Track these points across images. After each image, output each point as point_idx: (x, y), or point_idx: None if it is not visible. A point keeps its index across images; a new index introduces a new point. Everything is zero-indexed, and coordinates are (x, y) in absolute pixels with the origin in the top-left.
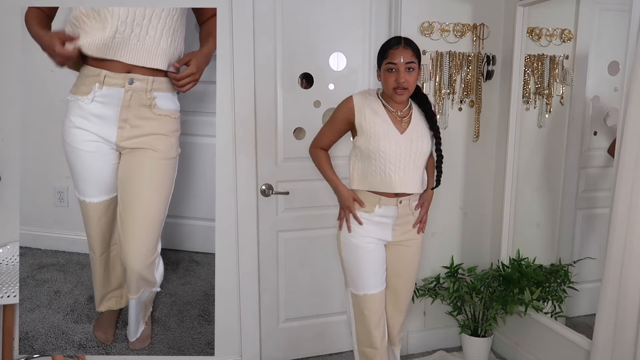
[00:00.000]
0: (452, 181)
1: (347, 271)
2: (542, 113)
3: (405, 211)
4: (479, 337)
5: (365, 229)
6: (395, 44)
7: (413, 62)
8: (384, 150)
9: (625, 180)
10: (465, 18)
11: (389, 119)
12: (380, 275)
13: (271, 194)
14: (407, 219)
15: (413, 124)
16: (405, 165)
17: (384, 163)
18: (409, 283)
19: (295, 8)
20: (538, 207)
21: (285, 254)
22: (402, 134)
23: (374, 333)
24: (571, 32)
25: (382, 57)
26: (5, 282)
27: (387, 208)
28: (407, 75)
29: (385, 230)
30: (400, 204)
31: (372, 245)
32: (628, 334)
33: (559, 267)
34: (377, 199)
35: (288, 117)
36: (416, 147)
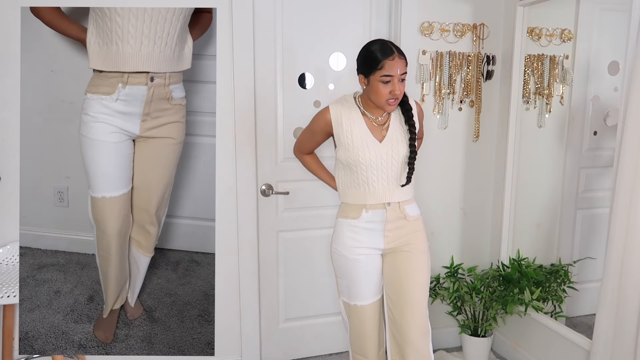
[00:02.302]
0: (452, 181)
1: (338, 281)
2: (542, 113)
3: (396, 215)
4: (479, 337)
5: (354, 239)
6: (389, 54)
7: (406, 72)
8: (363, 162)
9: (625, 180)
10: (465, 18)
11: (367, 128)
12: (372, 287)
13: (271, 194)
14: (398, 224)
15: (392, 130)
16: (388, 174)
17: (365, 174)
18: (417, 294)
19: (295, 8)
20: (538, 207)
21: (285, 254)
22: (382, 142)
23: (366, 342)
24: (571, 32)
25: (374, 67)
26: (5, 282)
27: (375, 212)
28: (401, 86)
29: (376, 237)
30: (388, 206)
31: (363, 257)
32: (628, 334)
33: (559, 267)
34: (363, 205)
35: (288, 117)
36: (397, 153)
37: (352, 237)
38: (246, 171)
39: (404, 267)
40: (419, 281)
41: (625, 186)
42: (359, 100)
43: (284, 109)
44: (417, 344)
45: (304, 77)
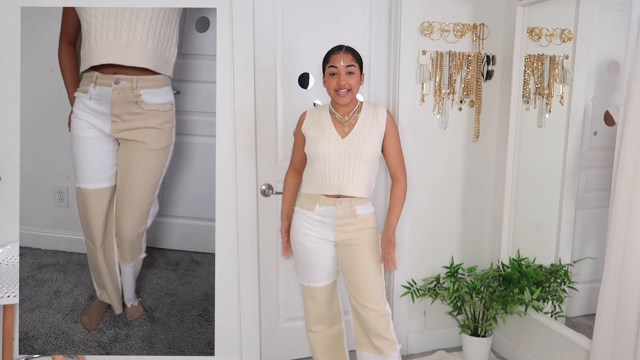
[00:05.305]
0: (452, 181)
1: (296, 264)
2: (542, 113)
3: (345, 213)
4: (479, 337)
5: (308, 228)
6: (336, 50)
7: (353, 65)
8: (322, 154)
9: (625, 180)
10: (465, 18)
11: (332, 124)
12: (324, 271)
13: (271, 194)
14: (347, 221)
15: (357, 128)
16: (345, 168)
17: (323, 166)
18: (368, 281)
19: (295, 8)
20: (538, 207)
21: None
22: (344, 138)
23: (317, 320)
24: (571, 32)
25: (325, 62)
26: (5, 282)
27: (326, 208)
28: (348, 78)
29: (327, 230)
30: (339, 204)
31: (315, 245)
32: (628, 334)
33: (559, 267)
34: (318, 199)
35: (288, 117)
36: (357, 150)
37: (306, 226)
38: (246, 171)
39: (354, 259)
40: (369, 271)
41: (625, 186)
42: (331, 103)
43: (284, 109)
44: (376, 327)
45: (304, 77)
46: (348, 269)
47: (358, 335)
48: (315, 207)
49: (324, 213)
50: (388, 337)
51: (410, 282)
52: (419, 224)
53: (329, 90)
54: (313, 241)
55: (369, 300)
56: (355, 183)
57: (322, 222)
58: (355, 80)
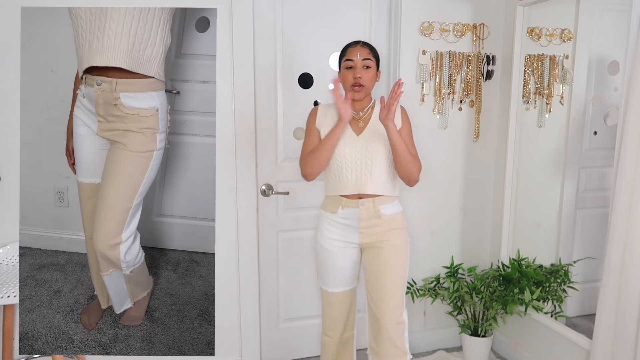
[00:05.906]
0: (452, 181)
1: (317, 268)
2: (542, 113)
3: (369, 214)
4: (479, 337)
5: (331, 231)
6: (353, 44)
7: (369, 59)
8: (338, 152)
9: (625, 180)
10: (465, 18)
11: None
12: (346, 277)
13: (271, 194)
14: (372, 222)
15: (371, 125)
16: (362, 166)
17: (340, 165)
18: (390, 287)
19: (295, 8)
20: (538, 207)
21: (285, 254)
22: (359, 135)
23: (332, 325)
24: (571, 32)
25: (342, 56)
26: (5, 282)
27: (349, 210)
28: (364, 72)
29: (351, 232)
30: (362, 205)
31: (338, 249)
32: (628, 334)
33: (559, 267)
34: (340, 201)
35: (288, 117)
36: (372, 148)
37: (329, 229)
38: (246, 171)
39: (378, 262)
40: (392, 276)
41: (625, 186)
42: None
43: (284, 109)
44: (390, 333)
45: (304, 77)
46: (372, 272)
47: (371, 342)
48: (338, 210)
49: (347, 215)
50: (400, 346)
51: (410, 282)
52: (419, 224)
53: (345, 84)
54: (336, 246)
55: (388, 305)
56: (374, 180)
57: (346, 225)
58: (370, 75)
